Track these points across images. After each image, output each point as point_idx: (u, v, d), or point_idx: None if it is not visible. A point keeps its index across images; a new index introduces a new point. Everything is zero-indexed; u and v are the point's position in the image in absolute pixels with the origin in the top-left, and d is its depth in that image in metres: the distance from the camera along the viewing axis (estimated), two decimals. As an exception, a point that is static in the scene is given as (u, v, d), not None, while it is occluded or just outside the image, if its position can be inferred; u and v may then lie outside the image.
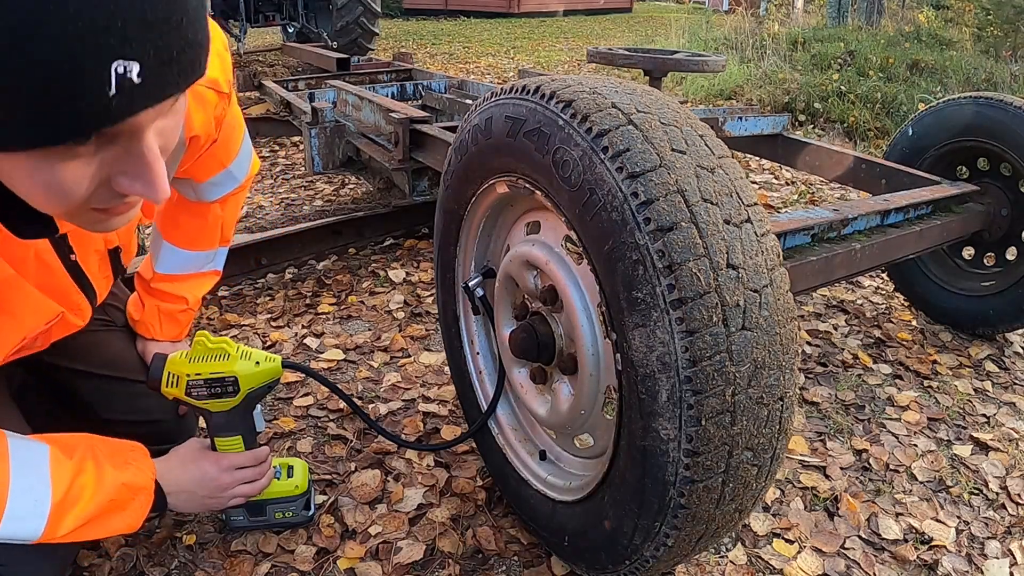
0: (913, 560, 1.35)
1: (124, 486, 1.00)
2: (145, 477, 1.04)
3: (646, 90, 0.98)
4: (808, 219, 1.55)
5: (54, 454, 0.93)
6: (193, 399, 1.13)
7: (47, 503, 0.89)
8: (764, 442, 0.88)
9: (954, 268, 2.19)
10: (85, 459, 0.96)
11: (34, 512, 0.88)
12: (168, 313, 1.36)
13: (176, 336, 1.40)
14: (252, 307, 2.25)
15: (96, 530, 0.97)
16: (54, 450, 0.94)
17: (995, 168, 2.01)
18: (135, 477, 1.02)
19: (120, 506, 0.99)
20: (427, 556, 1.30)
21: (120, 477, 0.99)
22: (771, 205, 3.42)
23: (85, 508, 0.94)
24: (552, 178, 0.96)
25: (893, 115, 4.98)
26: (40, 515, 0.89)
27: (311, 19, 7.13)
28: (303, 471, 1.33)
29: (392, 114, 2.33)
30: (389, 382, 1.85)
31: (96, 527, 0.97)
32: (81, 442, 0.99)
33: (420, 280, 2.47)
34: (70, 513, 0.92)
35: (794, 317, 0.89)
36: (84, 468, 0.95)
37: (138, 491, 1.02)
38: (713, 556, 1.32)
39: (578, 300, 1.04)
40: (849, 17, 9.10)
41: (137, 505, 1.02)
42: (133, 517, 1.02)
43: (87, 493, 0.94)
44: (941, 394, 1.91)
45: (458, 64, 8.39)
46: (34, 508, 0.88)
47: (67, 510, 0.91)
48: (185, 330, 1.43)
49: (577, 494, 1.11)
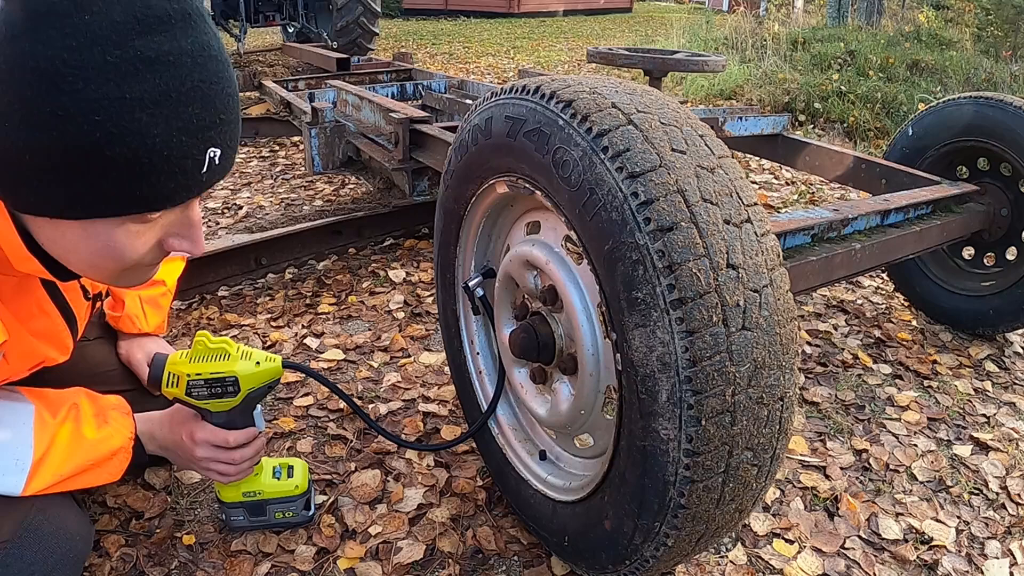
0: (913, 560, 1.35)
1: (102, 445, 1.04)
2: (123, 437, 1.08)
3: (646, 90, 0.98)
4: (808, 219, 1.55)
5: (39, 414, 0.98)
6: (193, 399, 1.14)
7: (28, 461, 0.94)
8: (764, 442, 0.88)
9: (954, 268, 2.19)
10: (67, 419, 1.01)
11: (15, 468, 0.94)
12: (150, 300, 1.37)
13: (160, 325, 1.41)
14: (252, 307, 2.25)
15: (76, 484, 1.03)
16: (39, 409, 0.99)
17: (995, 168, 2.00)
18: (113, 438, 1.06)
19: (98, 464, 1.04)
20: (427, 556, 1.30)
21: (99, 436, 1.04)
22: (771, 205, 3.42)
23: (63, 466, 0.99)
24: (552, 178, 0.96)
25: (893, 115, 4.98)
26: (21, 471, 0.94)
27: (311, 19, 7.13)
28: (303, 471, 1.33)
29: (392, 114, 2.33)
30: (389, 382, 1.85)
31: (76, 481, 1.02)
32: (67, 400, 1.04)
33: (420, 280, 2.47)
34: (50, 471, 0.97)
35: (794, 317, 0.89)
36: (65, 428, 1.00)
37: (116, 451, 1.07)
38: (713, 556, 1.32)
39: (578, 300, 1.04)
40: (849, 17, 9.11)
41: (115, 462, 1.07)
42: (111, 473, 1.07)
43: (66, 452, 0.99)
44: (941, 394, 1.91)
45: (458, 64, 8.39)
46: (15, 466, 0.94)
47: (47, 468, 0.97)
48: (166, 317, 1.44)
49: (577, 494, 1.11)
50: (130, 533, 1.32)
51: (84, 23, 0.65)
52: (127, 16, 0.67)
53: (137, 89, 0.67)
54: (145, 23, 0.68)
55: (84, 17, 0.65)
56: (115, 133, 0.68)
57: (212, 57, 0.74)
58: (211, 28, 0.75)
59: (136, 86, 0.67)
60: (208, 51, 0.73)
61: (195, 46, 0.72)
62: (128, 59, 0.67)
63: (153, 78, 0.68)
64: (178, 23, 0.70)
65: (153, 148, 0.70)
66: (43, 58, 0.65)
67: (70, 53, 0.65)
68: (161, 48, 0.69)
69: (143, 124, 0.68)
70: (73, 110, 0.66)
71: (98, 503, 1.39)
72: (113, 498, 1.40)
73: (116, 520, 1.35)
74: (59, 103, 0.66)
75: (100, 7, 0.66)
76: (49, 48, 0.65)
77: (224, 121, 0.75)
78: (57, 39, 0.65)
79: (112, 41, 0.66)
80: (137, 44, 0.67)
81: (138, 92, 0.68)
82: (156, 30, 0.68)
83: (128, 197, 0.72)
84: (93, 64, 0.66)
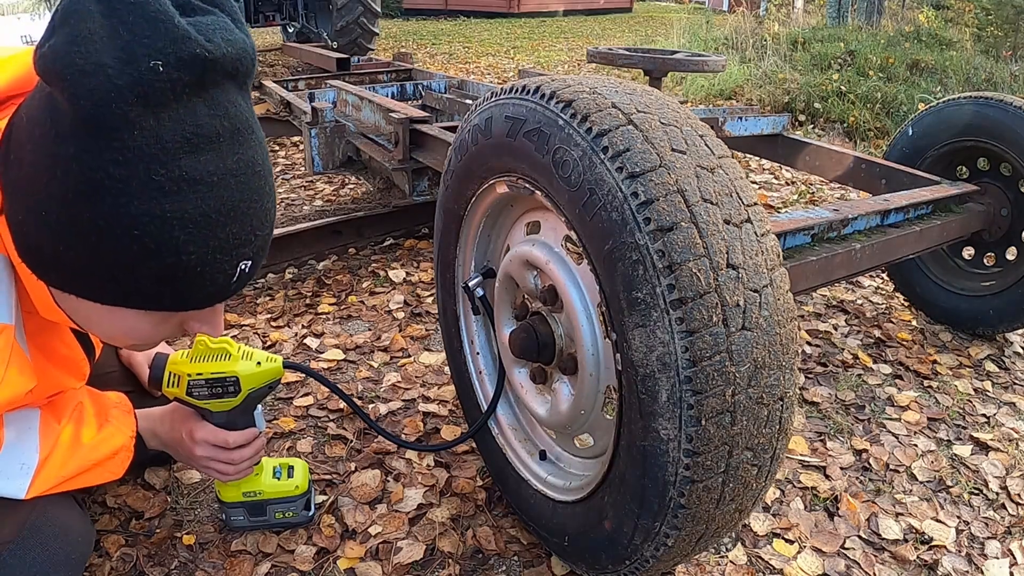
0: (913, 560, 1.35)
1: (104, 445, 1.05)
2: (124, 436, 1.09)
3: (646, 90, 0.98)
4: (808, 219, 1.55)
5: (44, 417, 0.99)
6: (194, 399, 1.14)
7: (33, 464, 0.95)
8: (764, 442, 0.88)
9: (954, 268, 2.19)
10: (70, 420, 1.02)
11: (20, 472, 0.95)
12: None
13: None
14: (252, 307, 2.25)
15: (78, 483, 1.04)
16: (44, 414, 1.00)
17: (995, 168, 2.01)
18: (114, 437, 1.08)
19: (100, 463, 1.06)
20: (427, 556, 1.30)
21: (100, 436, 1.05)
22: (771, 205, 3.42)
23: (66, 467, 1.00)
24: (552, 178, 0.96)
25: (893, 115, 4.98)
26: (26, 474, 0.95)
27: (311, 19, 7.12)
28: (303, 471, 1.33)
29: (392, 114, 2.33)
30: (389, 382, 1.85)
31: (78, 481, 1.03)
32: (71, 400, 1.05)
33: (420, 280, 2.47)
34: (53, 472, 0.98)
35: (794, 317, 0.89)
36: (68, 429, 1.01)
37: (117, 450, 1.08)
38: (713, 556, 1.32)
39: (578, 300, 1.04)
40: (849, 17, 9.10)
41: (117, 461, 1.08)
42: (113, 472, 1.08)
43: (68, 453, 1.00)
44: (941, 394, 1.91)
45: (458, 64, 8.39)
46: (20, 469, 0.95)
47: (50, 470, 0.98)
48: None
49: (577, 494, 1.11)
50: (130, 533, 1.32)
51: (134, 138, 0.64)
52: (176, 135, 0.66)
53: (178, 208, 0.68)
54: (193, 142, 0.67)
55: (134, 132, 0.64)
56: (152, 248, 0.68)
57: (255, 174, 0.74)
58: (258, 138, 0.75)
59: (177, 205, 0.68)
60: (252, 168, 0.73)
61: (239, 164, 0.72)
62: (173, 179, 0.67)
63: (195, 198, 0.68)
64: (225, 141, 0.70)
65: (188, 265, 0.71)
66: (89, 167, 0.65)
67: (116, 167, 0.65)
68: (206, 168, 0.69)
69: (180, 242, 0.69)
70: (113, 222, 0.66)
71: (98, 503, 1.39)
72: (113, 498, 1.40)
73: (116, 520, 1.35)
74: (99, 213, 0.66)
75: (151, 123, 0.65)
76: (96, 159, 0.65)
77: (258, 237, 0.77)
78: (106, 151, 0.64)
79: (159, 160, 0.66)
80: (183, 164, 0.67)
81: (179, 211, 0.68)
82: (203, 149, 0.68)
83: (157, 300, 0.74)
84: (138, 180, 0.66)
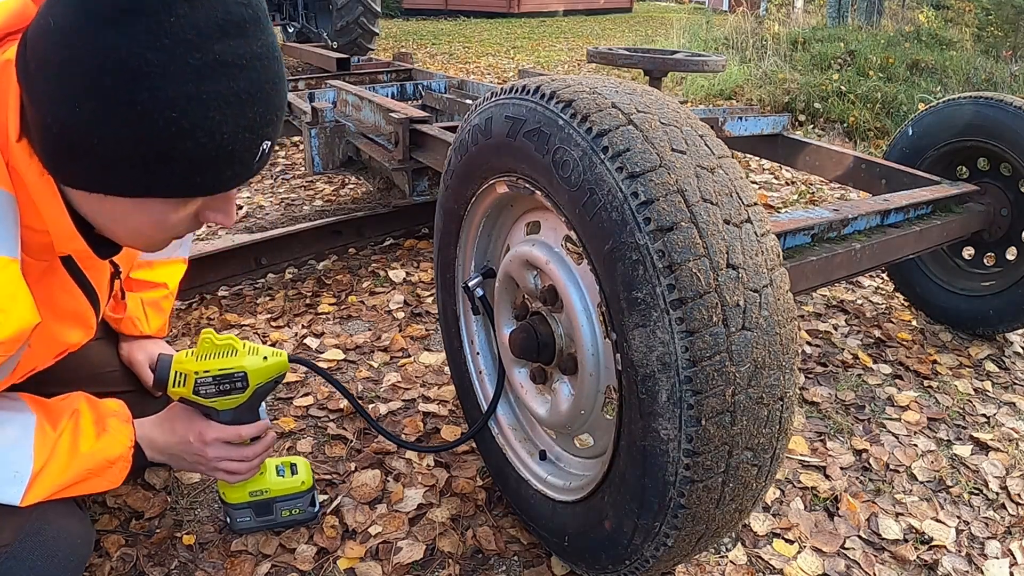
0: (913, 560, 1.35)
1: (101, 454, 1.03)
2: (122, 446, 1.07)
3: (646, 90, 0.98)
4: (808, 219, 1.55)
5: (39, 424, 0.98)
6: (201, 397, 1.12)
7: (28, 473, 0.94)
8: (764, 442, 0.88)
9: (954, 268, 2.19)
10: (67, 428, 1.00)
11: (13, 480, 0.94)
12: (152, 302, 1.37)
13: (161, 327, 1.40)
14: (252, 307, 2.25)
15: (75, 492, 1.02)
16: (40, 419, 0.98)
17: (995, 168, 2.00)
18: (112, 447, 1.05)
19: (97, 473, 1.04)
20: (427, 556, 1.30)
21: (98, 446, 1.03)
22: (771, 205, 3.42)
23: (62, 476, 0.98)
24: (552, 178, 0.96)
25: (893, 115, 4.98)
26: (20, 482, 0.94)
27: (311, 19, 7.12)
28: (306, 467, 1.32)
29: (392, 114, 2.33)
30: (389, 382, 1.85)
31: (75, 489, 1.02)
32: (67, 407, 1.03)
33: (420, 280, 2.47)
34: (49, 481, 0.97)
35: (794, 317, 0.89)
36: (64, 437, 1.00)
37: (115, 460, 1.06)
38: (713, 556, 1.32)
39: (578, 300, 1.04)
40: (849, 17, 9.10)
41: (115, 470, 1.06)
42: (111, 481, 1.06)
43: (65, 462, 0.99)
44: (941, 394, 1.91)
45: (458, 64, 8.39)
46: (13, 477, 0.94)
47: (46, 478, 0.96)
48: (167, 320, 1.43)
49: (577, 494, 1.11)
50: (130, 533, 1.32)
51: (170, 24, 0.69)
52: (209, 21, 0.71)
53: (212, 90, 0.72)
54: (224, 28, 0.72)
55: (170, 19, 0.69)
56: (187, 129, 0.72)
57: (275, 58, 0.79)
58: (271, 27, 0.80)
59: (211, 87, 0.72)
60: (272, 52, 0.78)
61: (263, 49, 0.76)
62: (207, 62, 0.71)
63: (228, 81, 0.73)
64: (251, 27, 0.75)
65: (220, 144, 0.75)
66: (128, 53, 0.68)
67: (154, 52, 0.69)
68: (237, 52, 0.73)
69: (215, 122, 0.73)
70: (151, 106, 0.70)
71: (98, 503, 1.39)
72: (113, 498, 1.40)
73: (116, 520, 1.35)
74: (138, 98, 0.70)
75: (186, 10, 0.69)
76: (135, 44, 0.68)
77: (278, 118, 0.82)
78: (143, 37, 0.68)
79: (194, 44, 0.70)
80: (216, 48, 0.71)
81: (213, 93, 0.72)
82: (233, 34, 0.73)
83: (189, 184, 0.78)
84: (175, 64, 0.70)
